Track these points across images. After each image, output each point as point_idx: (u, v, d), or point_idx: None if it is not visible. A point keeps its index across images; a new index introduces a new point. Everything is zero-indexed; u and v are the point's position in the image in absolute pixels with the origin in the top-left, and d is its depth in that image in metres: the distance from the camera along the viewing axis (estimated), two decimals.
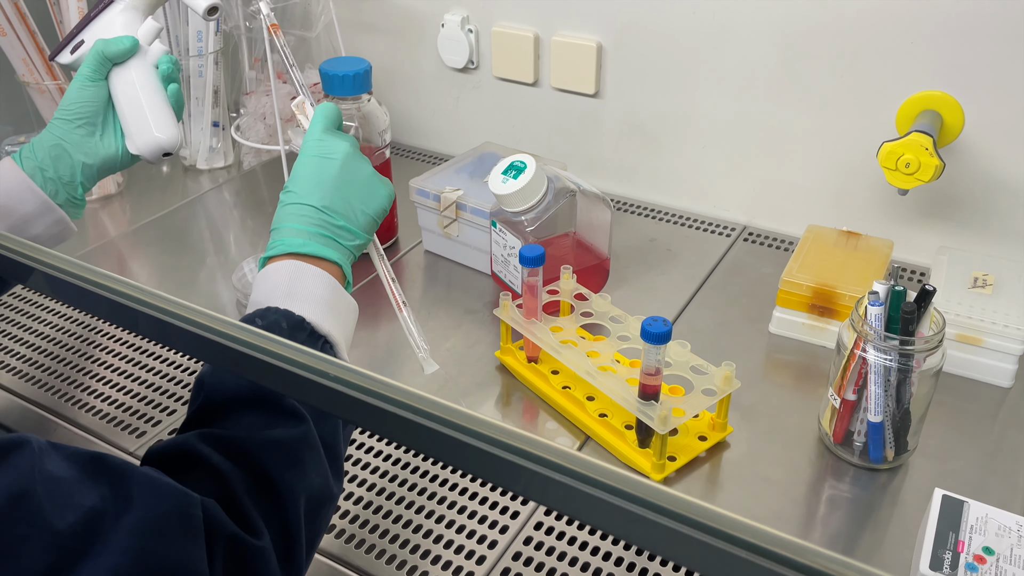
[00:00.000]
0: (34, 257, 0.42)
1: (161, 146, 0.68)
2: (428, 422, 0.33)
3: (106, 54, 0.67)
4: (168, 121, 0.69)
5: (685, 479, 0.66)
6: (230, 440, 0.46)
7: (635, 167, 1.03)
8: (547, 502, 0.32)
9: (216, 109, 1.10)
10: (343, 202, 0.58)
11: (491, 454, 0.33)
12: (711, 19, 0.90)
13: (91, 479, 0.39)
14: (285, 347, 0.34)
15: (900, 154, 0.75)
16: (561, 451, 0.31)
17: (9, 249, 0.43)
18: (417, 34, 1.11)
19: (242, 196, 1.09)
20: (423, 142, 1.19)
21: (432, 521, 0.62)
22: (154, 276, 0.92)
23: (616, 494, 0.31)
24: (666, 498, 0.30)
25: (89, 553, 0.36)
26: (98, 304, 0.42)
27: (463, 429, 0.33)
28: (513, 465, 0.32)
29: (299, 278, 0.54)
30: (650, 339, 0.61)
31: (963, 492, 0.58)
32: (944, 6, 0.79)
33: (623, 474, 0.30)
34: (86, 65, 0.68)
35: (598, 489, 0.31)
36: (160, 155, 0.69)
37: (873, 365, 0.61)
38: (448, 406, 0.33)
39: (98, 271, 0.40)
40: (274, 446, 0.46)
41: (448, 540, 0.61)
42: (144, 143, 0.68)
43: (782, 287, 0.78)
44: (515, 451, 0.32)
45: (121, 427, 0.72)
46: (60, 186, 0.66)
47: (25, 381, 0.78)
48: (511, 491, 0.54)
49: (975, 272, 0.78)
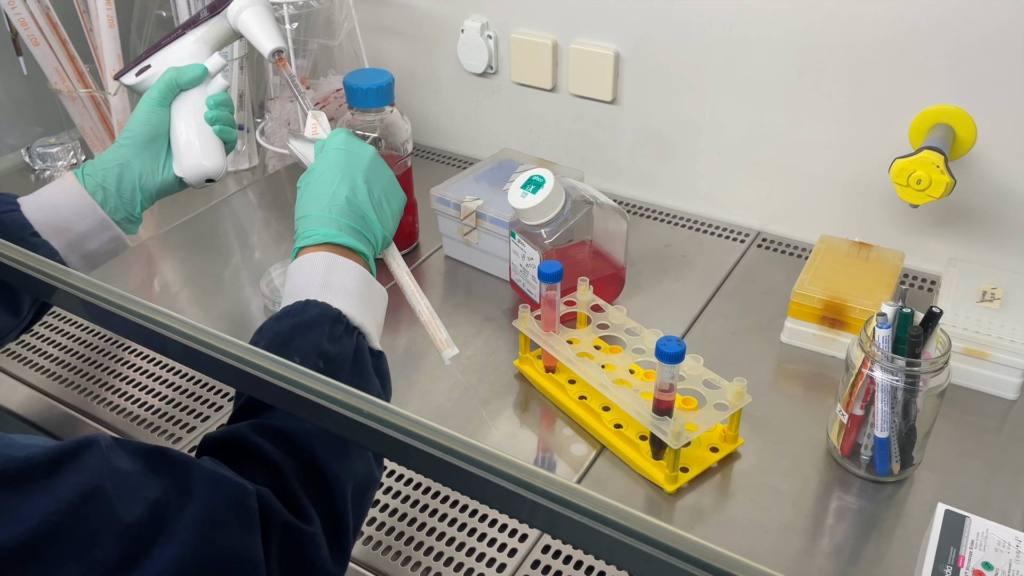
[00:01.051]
0: (66, 280, 0.46)
1: (206, 172, 0.71)
2: (449, 457, 0.36)
3: (178, 81, 0.70)
4: (216, 150, 0.71)
5: (697, 489, 0.69)
6: (280, 430, 0.48)
7: (651, 173, 1.05)
8: (553, 532, 0.35)
9: (241, 112, 1.13)
10: (370, 196, 0.61)
11: (503, 487, 0.35)
12: (728, 31, 0.92)
13: (154, 472, 0.41)
14: (315, 380, 0.37)
15: (912, 171, 0.77)
16: (566, 485, 0.34)
17: (51, 276, 0.46)
18: (437, 39, 1.12)
19: (266, 198, 1.12)
20: (443, 144, 1.21)
21: (443, 543, 0.65)
22: (184, 281, 0.95)
23: (617, 528, 0.33)
24: (666, 534, 0.33)
25: (155, 544, 0.39)
26: (130, 329, 0.45)
27: (480, 464, 0.36)
28: (522, 498, 0.35)
29: (334, 270, 0.56)
30: (664, 359, 0.64)
31: (966, 505, 0.60)
32: (958, 21, 0.80)
33: (623, 509, 0.33)
34: (156, 90, 0.70)
35: (600, 523, 0.34)
36: (203, 181, 0.72)
37: (880, 384, 0.63)
38: (467, 441, 0.36)
39: (129, 297, 0.42)
40: (322, 436, 0.48)
41: (458, 562, 0.63)
42: (190, 167, 0.70)
43: (794, 299, 0.80)
44: (524, 485, 0.35)
45: (151, 429, 0.75)
46: (120, 205, 0.69)
47: (53, 380, 0.81)
48: (521, 520, 0.58)
49: (984, 285, 0.79)
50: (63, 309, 0.80)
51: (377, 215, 0.61)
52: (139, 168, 0.69)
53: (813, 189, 0.95)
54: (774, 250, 0.97)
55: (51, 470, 0.37)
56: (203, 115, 0.71)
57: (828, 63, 0.88)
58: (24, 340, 0.86)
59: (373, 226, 0.61)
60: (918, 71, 0.83)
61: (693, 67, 0.96)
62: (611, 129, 1.05)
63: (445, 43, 1.12)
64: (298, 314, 0.53)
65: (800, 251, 0.97)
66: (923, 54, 0.83)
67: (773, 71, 0.91)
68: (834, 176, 0.93)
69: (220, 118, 0.72)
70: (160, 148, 0.71)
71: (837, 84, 0.88)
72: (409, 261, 0.97)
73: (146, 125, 0.70)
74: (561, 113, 1.07)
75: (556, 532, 0.35)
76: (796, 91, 0.91)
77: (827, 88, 0.89)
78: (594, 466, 0.71)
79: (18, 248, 0.46)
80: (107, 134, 1.05)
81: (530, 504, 0.35)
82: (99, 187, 0.68)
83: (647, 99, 1.01)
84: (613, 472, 0.70)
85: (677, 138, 1.01)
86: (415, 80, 1.18)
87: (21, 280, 0.46)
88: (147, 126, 0.70)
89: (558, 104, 1.07)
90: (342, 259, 0.57)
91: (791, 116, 0.93)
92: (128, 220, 0.70)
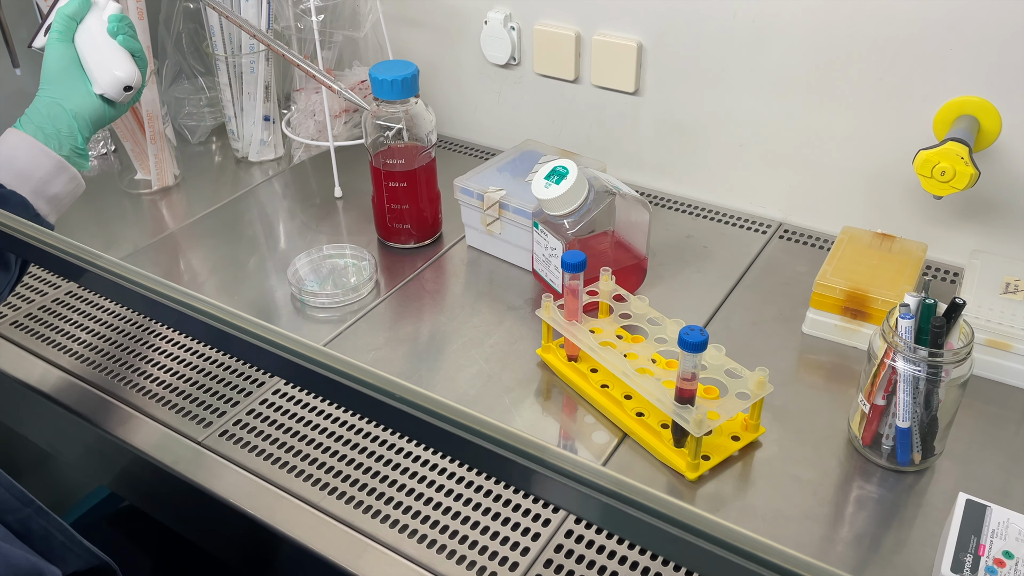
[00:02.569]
0: (109, 268, 0.47)
1: (121, 80, 0.77)
2: (475, 438, 0.37)
3: (67, 13, 0.78)
4: (125, 59, 0.79)
5: (718, 477, 0.69)
6: None
7: (672, 163, 1.05)
8: (581, 513, 0.36)
9: (267, 103, 1.14)
10: None
11: (527, 468, 0.37)
12: (751, 22, 0.92)
13: None
14: (355, 368, 0.38)
15: (936, 162, 0.76)
16: (593, 468, 0.35)
17: (102, 268, 0.47)
18: (461, 31, 1.13)
19: (291, 188, 1.13)
20: (466, 135, 1.22)
21: (467, 527, 0.66)
22: (212, 269, 0.97)
23: (645, 511, 0.34)
24: (692, 516, 0.34)
25: None
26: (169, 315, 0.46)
27: (502, 444, 0.37)
28: (544, 477, 0.36)
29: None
30: (687, 348, 0.64)
31: (987, 495, 0.61)
32: (983, 11, 0.79)
33: (652, 492, 0.34)
34: (53, 29, 0.78)
35: (628, 506, 0.35)
36: (123, 91, 0.78)
37: (902, 374, 0.64)
38: (494, 424, 0.37)
39: (166, 284, 0.44)
40: None
41: (483, 546, 0.64)
42: (106, 82, 0.77)
43: (816, 289, 0.81)
44: (548, 465, 0.36)
45: (181, 413, 0.77)
46: (62, 140, 0.75)
47: (84, 363, 0.83)
48: (545, 501, 0.59)
49: (1007, 277, 0.79)
50: (110, 296, 0.82)
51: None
52: (65, 101, 0.76)
53: (836, 180, 0.95)
54: (796, 241, 0.98)
55: None
56: (105, 32, 0.78)
57: (853, 54, 0.88)
58: (54, 324, 0.88)
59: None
60: (943, 62, 0.83)
61: (716, 58, 0.96)
62: (633, 120, 1.05)
63: (468, 35, 1.13)
64: None
65: (822, 242, 0.97)
66: (948, 45, 0.82)
67: (797, 62, 0.91)
68: (857, 167, 0.93)
69: (121, 29, 0.79)
70: (76, 77, 0.77)
71: (861, 75, 0.88)
72: (432, 251, 0.98)
73: (56, 61, 0.77)
74: (583, 104, 1.08)
75: (586, 514, 0.36)
76: (820, 82, 0.91)
77: (851, 79, 0.89)
78: (616, 453, 0.72)
79: (50, 232, 0.48)
80: (136, 124, 1.07)
81: (560, 486, 0.36)
82: (38, 129, 0.74)
83: (670, 90, 1.01)
84: (635, 460, 0.71)
85: (699, 129, 1.01)
86: (438, 71, 1.19)
87: (54, 263, 0.48)
88: (57, 61, 0.77)
89: (580, 95, 1.08)
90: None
91: (814, 107, 0.93)
92: (76, 154, 0.76)
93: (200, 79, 1.23)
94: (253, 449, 0.73)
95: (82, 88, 0.77)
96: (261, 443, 0.74)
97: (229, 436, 0.74)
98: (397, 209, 0.95)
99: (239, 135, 1.17)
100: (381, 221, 0.98)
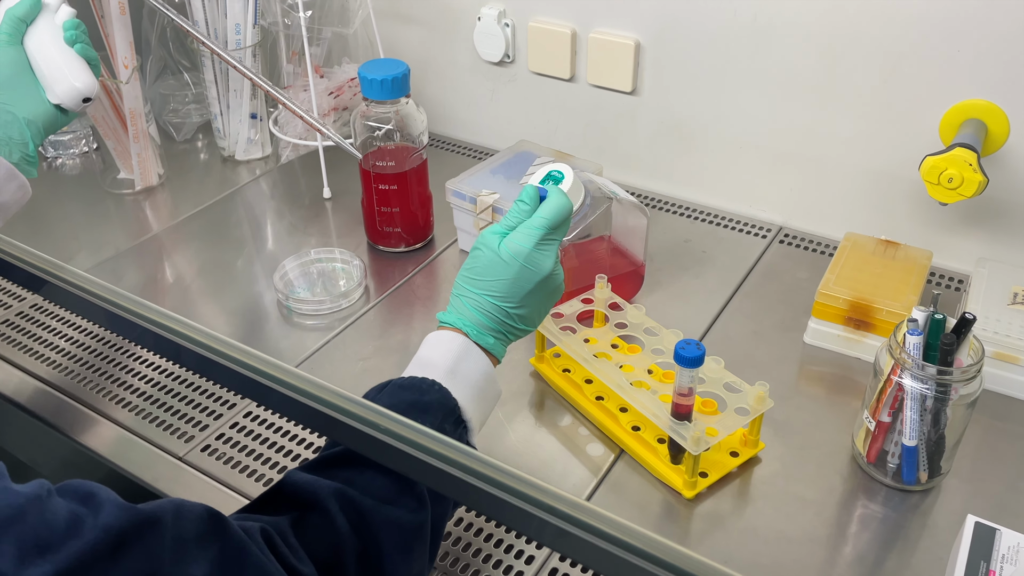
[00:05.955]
0: (95, 292, 0.44)
1: (80, 92, 0.75)
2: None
3: (16, 14, 0.74)
4: (83, 69, 0.75)
5: (716, 495, 0.67)
6: (359, 506, 0.49)
7: (670, 165, 1.03)
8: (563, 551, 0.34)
9: (254, 101, 1.11)
10: (530, 310, 0.61)
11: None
12: (752, 21, 0.89)
13: (205, 547, 0.41)
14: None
15: (943, 168, 0.74)
16: (585, 506, 0.33)
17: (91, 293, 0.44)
18: (453, 27, 1.10)
19: (279, 188, 1.10)
20: (458, 134, 1.19)
21: (458, 549, 0.64)
22: (198, 273, 0.94)
23: (622, 546, 0.32)
24: (673, 554, 0.31)
25: None
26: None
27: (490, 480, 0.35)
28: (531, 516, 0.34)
29: (465, 359, 0.58)
30: (683, 363, 0.62)
31: (995, 516, 0.58)
32: (990, 13, 0.77)
33: (632, 527, 0.32)
34: (2, 31, 0.73)
35: (608, 543, 0.32)
36: (80, 102, 0.75)
37: (909, 392, 0.61)
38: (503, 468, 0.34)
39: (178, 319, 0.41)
40: (394, 527, 0.49)
41: (475, 570, 0.62)
42: (63, 92, 0.74)
43: (818, 299, 0.78)
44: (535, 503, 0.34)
45: (163, 427, 0.74)
46: (12, 147, 0.71)
47: (62, 373, 0.80)
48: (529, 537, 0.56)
49: (1015, 287, 0.77)
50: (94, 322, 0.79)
51: (532, 321, 0.63)
52: (17, 108, 0.72)
53: (838, 184, 0.93)
54: (797, 246, 0.95)
55: (113, 558, 0.37)
56: (61, 40, 0.75)
57: (856, 55, 0.85)
58: (32, 332, 0.85)
59: (523, 331, 0.63)
60: (949, 64, 0.81)
61: (716, 57, 0.93)
62: (630, 120, 1.02)
63: (461, 31, 1.10)
64: (420, 392, 0.55)
65: (824, 247, 0.94)
66: (954, 47, 0.80)
67: (798, 62, 0.88)
68: (860, 171, 0.90)
69: (79, 37, 0.75)
70: (28, 83, 0.73)
71: (865, 77, 0.86)
72: (423, 255, 0.96)
73: (6, 65, 0.73)
74: (579, 103, 1.05)
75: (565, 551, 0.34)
76: (822, 83, 0.88)
77: (854, 81, 0.86)
78: (613, 470, 0.70)
79: (10, 241, 0.46)
80: (119, 122, 1.04)
81: (538, 521, 0.33)
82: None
83: (668, 90, 0.98)
84: (631, 476, 0.69)
85: (698, 130, 0.99)
86: (430, 69, 1.16)
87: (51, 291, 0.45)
88: (7, 66, 0.73)
89: (576, 94, 1.05)
90: (475, 350, 0.59)
91: (816, 109, 0.90)
92: (25, 161, 0.73)
93: (185, 74, 1.20)
94: (236, 465, 0.70)
95: (35, 95, 0.73)
96: (244, 458, 0.71)
97: (211, 451, 0.72)
98: (387, 212, 0.92)
99: (225, 133, 1.14)
100: (371, 224, 0.95)
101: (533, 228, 0.60)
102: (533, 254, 0.60)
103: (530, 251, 0.60)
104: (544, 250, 0.60)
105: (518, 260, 0.59)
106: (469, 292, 0.60)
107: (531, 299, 0.61)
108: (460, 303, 0.61)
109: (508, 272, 0.59)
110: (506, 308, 0.60)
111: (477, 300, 0.60)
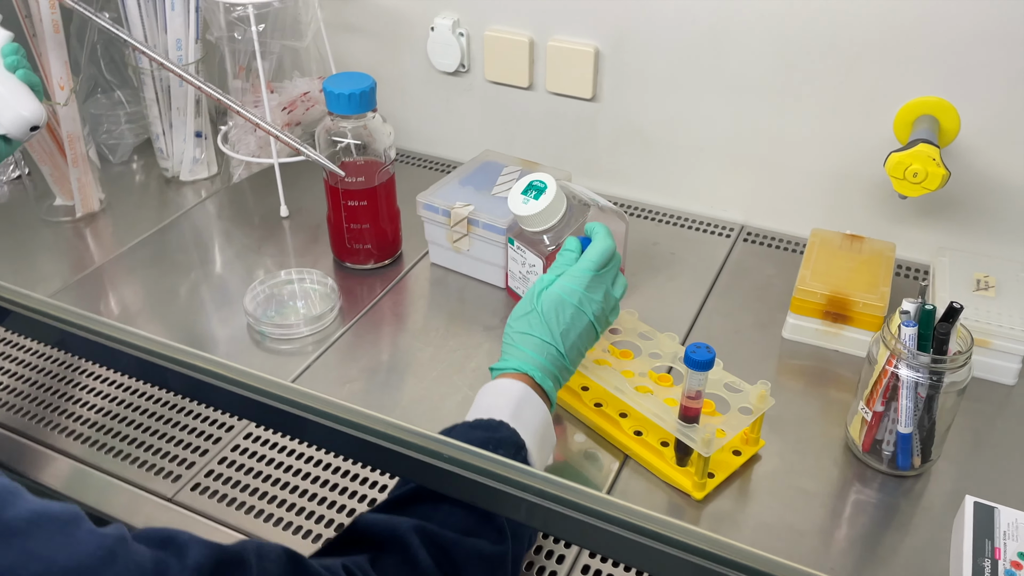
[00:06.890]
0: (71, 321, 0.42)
1: (28, 121, 0.73)
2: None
3: None
4: (28, 97, 0.74)
5: (723, 494, 0.68)
6: (440, 540, 0.48)
7: (631, 170, 1.04)
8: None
9: (199, 119, 1.07)
10: (577, 351, 0.65)
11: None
12: (711, 26, 0.91)
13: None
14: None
15: (908, 164, 0.77)
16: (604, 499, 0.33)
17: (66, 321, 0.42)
18: (405, 37, 1.08)
19: (228, 210, 1.06)
20: (414, 146, 1.17)
21: None
22: (155, 304, 0.89)
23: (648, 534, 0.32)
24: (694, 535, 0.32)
25: None
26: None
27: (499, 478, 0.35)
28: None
29: (525, 405, 0.59)
30: (695, 366, 0.63)
31: (987, 494, 0.61)
32: (941, 14, 0.81)
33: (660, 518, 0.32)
34: None
35: None
36: (28, 131, 0.73)
37: (905, 381, 0.64)
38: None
39: None
40: (476, 559, 0.48)
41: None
42: (9, 121, 0.72)
43: (796, 295, 0.81)
44: None
45: (113, 454, 0.70)
46: None
47: (13, 412, 0.75)
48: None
49: (977, 274, 0.81)
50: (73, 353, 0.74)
51: (576, 360, 0.65)
52: None
53: (798, 182, 0.96)
54: (760, 244, 0.98)
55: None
56: (2, 67, 0.73)
57: (812, 57, 0.88)
58: None
59: (568, 372, 0.65)
60: (902, 64, 0.85)
61: (675, 62, 0.95)
62: (591, 127, 1.03)
63: (414, 42, 1.08)
64: (491, 430, 0.56)
65: (786, 244, 0.97)
66: (907, 47, 0.84)
67: (757, 66, 0.91)
68: (818, 168, 0.94)
69: (20, 63, 0.74)
70: None
71: (821, 77, 0.89)
72: (393, 272, 0.94)
73: None
74: (538, 111, 1.05)
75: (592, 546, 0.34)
76: (779, 85, 0.91)
77: (811, 81, 0.89)
78: (620, 477, 0.70)
79: None
80: (55, 146, 0.98)
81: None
82: None
83: (628, 96, 0.99)
84: (637, 481, 0.69)
85: (659, 134, 1.00)
86: (381, 79, 1.13)
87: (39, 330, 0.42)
88: None
89: (535, 102, 1.05)
90: (535, 396, 0.61)
91: (774, 110, 0.93)
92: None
93: (117, 92, 1.14)
94: (232, 503, 0.67)
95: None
96: (237, 493, 0.68)
97: (203, 490, 0.68)
98: (357, 229, 0.90)
99: (168, 153, 1.09)
100: (338, 241, 0.92)
101: (582, 271, 0.65)
102: (584, 296, 0.65)
103: (582, 293, 0.65)
104: (593, 293, 0.65)
105: (571, 302, 0.64)
106: (526, 339, 0.63)
107: (581, 340, 0.65)
108: (517, 351, 0.63)
109: (564, 316, 0.64)
110: (560, 350, 0.63)
111: (536, 345, 0.63)
